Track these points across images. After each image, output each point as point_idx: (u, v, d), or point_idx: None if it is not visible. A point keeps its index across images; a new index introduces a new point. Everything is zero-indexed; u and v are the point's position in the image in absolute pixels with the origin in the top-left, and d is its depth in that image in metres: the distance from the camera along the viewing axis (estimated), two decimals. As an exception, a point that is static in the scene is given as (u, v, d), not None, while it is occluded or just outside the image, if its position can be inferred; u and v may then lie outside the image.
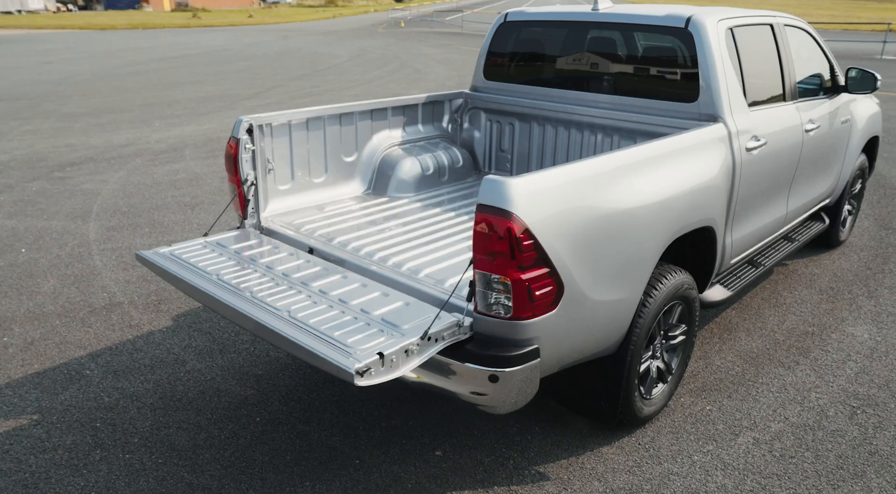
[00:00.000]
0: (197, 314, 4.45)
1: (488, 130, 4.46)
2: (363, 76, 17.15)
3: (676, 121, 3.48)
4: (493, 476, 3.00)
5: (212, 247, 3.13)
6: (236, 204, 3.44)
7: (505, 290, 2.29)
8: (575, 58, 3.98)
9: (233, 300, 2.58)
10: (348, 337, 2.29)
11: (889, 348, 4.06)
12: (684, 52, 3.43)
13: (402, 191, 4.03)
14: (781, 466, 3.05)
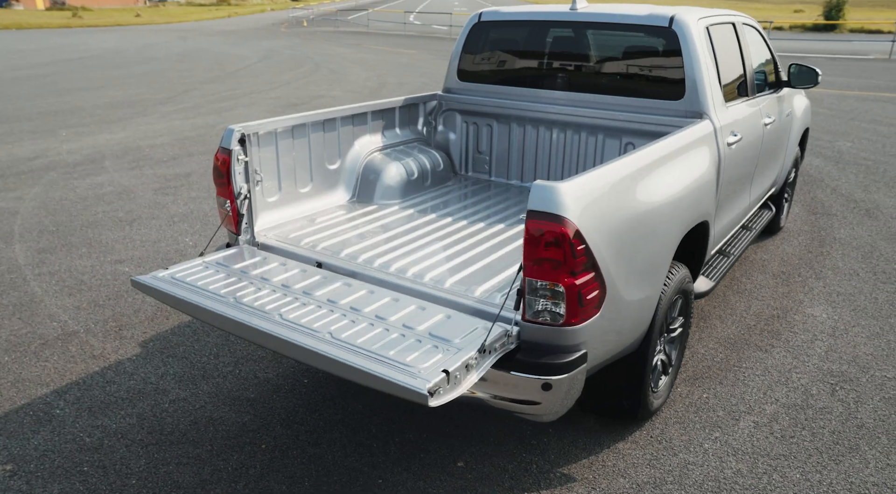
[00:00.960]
0: (166, 338, 4.16)
1: (464, 132, 4.43)
2: (279, 78, 16.64)
3: (663, 119, 3.60)
4: (521, 483, 2.98)
5: (214, 268, 2.92)
6: (229, 219, 3.23)
7: (555, 297, 2.28)
8: (554, 57, 4.02)
9: (265, 325, 2.41)
10: (405, 356, 2.20)
11: (846, 326, 4.38)
12: (669, 51, 3.55)
13: (388, 198, 3.93)
14: (785, 447, 3.22)
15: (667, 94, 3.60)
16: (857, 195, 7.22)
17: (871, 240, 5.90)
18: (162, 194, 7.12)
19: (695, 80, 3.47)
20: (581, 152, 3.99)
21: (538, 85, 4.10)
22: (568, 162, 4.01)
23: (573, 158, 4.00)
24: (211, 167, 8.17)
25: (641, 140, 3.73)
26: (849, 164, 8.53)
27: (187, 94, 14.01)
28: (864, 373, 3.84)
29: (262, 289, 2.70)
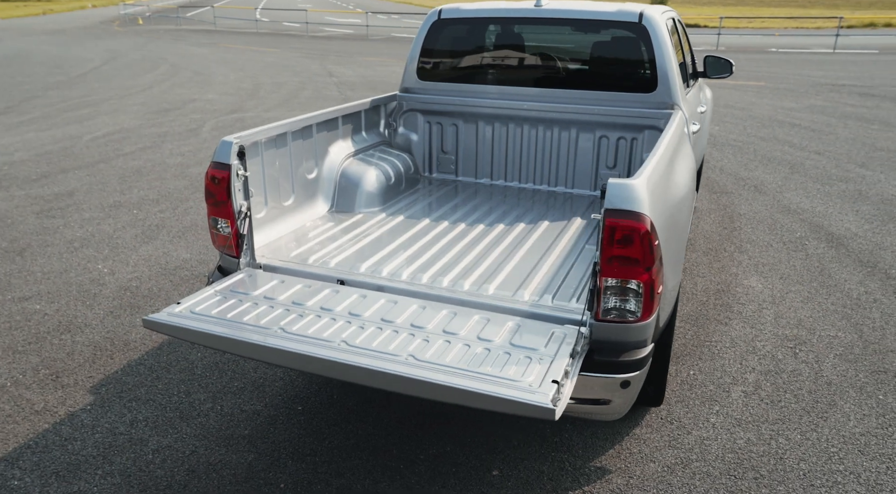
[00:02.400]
0: (119, 380, 3.68)
1: (427, 132, 4.30)
2: (136, 81, 15.28)
3: (636, 111, 3.72)
4: (560, 483, 2.97)
5: (235, 297, 2.60)
6: (227, 242, 2.89)
7: (630, 294, 2.28)
8: (522, 54, 4.01)
9: (333, 354, 2.19)
10: (504, 371, 2.08)
11: (781, 293, 4.81)
12: (640, 45, 3.68)
13: (370, 205, 3.72)
14: (777, 411, 3.47)
15: (639, 87, 3.73)
16: (741, 173, 7.96)
17: (769, 213, 6.53)
18: (47, 217, 6.28)
19: (666, 73, 3.63)
20: (554, 148, 4.03)
21: (506, 82, 4.08)
22: (541, 158, 4.04)
23: (547, 154, 4.03)
24: (96, 183, 7.34)
25: (615, 133, 3.85)
26: (724, 146, 9.38)
27: (30, 103, 12.46)
28: (813, 334, 4.24)
29: (303, 316, 2.45)
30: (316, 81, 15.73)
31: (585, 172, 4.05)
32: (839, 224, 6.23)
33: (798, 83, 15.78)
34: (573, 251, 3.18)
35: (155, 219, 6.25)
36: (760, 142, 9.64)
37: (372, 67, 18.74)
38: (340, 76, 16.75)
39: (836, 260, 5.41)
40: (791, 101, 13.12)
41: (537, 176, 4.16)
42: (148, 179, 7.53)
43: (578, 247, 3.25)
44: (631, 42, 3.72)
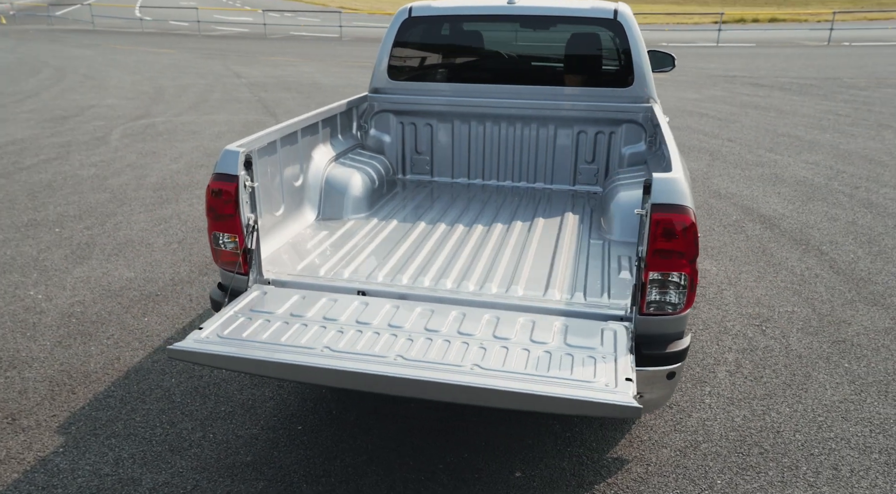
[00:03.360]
0: (89, 415, 3.34)
1: (399, 133, 4.18)
2: (19, 87, 14.00)
3: (614, 106, 3.79)
4: (583, 478, 2.98)
5: (258, 317, 2.41)
6: (233, 258, 2.66)
7: (674, 287, 2.31)
8: (496, 51, 3.98)
9: (393, 370, 2.07)
10: (575, 373, 2.05)
11: (735, 274, 5.08)
12: (615, 41, 3.74)
13: (358, 211, 3.57)
14: (762, 387, 3.66)
15: (616, 82, 3.80)
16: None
17: (704, 199, 6.88)
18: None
19: (641, 68, 3.72)
20: (533, 144, 4.03)
21: (481, 79, 4.03)
22: (520, 155, 4.03)
23: (526, 151, 4.02)
24: (2, 200, 6.64)
25: (593, 128, 3.90)
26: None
27: None
28: (773, 312, 4.50)
29: (343, 332, 2.31)
30: (223, 83, 15.05)
31: (564, 168, 4.09)
32: (767, 206, 6.66)
33: (695, 75, 16.77)
34: (581, 247, 3.20)
35: (82, 236, 5.75)
36: (676, 131, 10.15)
37: (280, 67, 18.16)
38: (248, 77, 16.11)
39: (773, 240, 5.77)
40: (693, 92, 13.92)
41: (516, 173, 4.16)
42: (63, 194, 6.91)
43: (583, 242, 3.27)
44: (606, 38, 3.79)
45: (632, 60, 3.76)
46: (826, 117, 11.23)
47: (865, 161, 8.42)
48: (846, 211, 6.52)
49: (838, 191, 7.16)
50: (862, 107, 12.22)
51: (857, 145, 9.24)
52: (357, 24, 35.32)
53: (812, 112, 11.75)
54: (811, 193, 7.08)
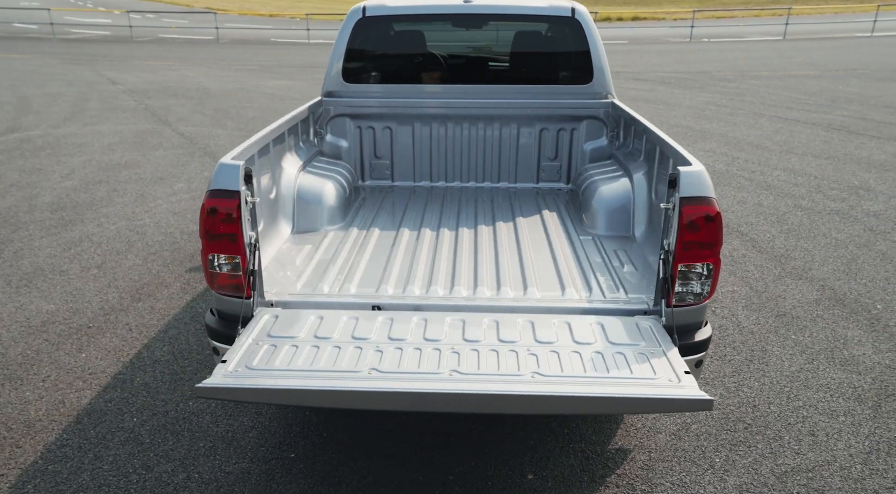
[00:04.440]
0: (43, 470, 2.96)
1: (357, 138, 4.00)
2: None
3: (575, 102, 3.84)
4: (593, 473, 3.01)
5: (282, 343, 2.22)
6: (230, 281, 2.41)
7: (699, 277, 2.36)
8: (454, 51, 3.91)
9: (458, 387, 1.98)
10: (635, 371, 2.03)
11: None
12: (574, 39, 3.79)
13: (333, 222, 3.37)
14: (728, 365, 3.86)
15: (576, 79, 3.86)
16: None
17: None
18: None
19: (600, 64, 3.80)
20: (496, 143, 4.00)
21: (441, 80, 3.94)
22: (483, 155, 3.98)
23: (489, 151, 3.98)
24: None
25: (556, 125, 3.93)
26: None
27: None
28: (717, 291, 4.77)
29: (382, 350, 2.17)
30: (98, 90, 13.89)
31: (528, 166, 4.10)
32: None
33: (579, 71, 17.52)
34: (573, 243, 3.23)
35: (-22, 267, 5.08)
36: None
37: (159, 72, 17.03)
38: (125, 83, 14.98)
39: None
40: (583, 88, 14.54)
41: (479, 173, 4.12)
42: (-60, 220, 6.09)
43: (574, 239, 3.30)
44: (565, 36, 3.84)
45: (591, 58, 3.84)
46: (708, 108, 12.11)
47: (753, 147, 9.16)
48: (750, 194, 7.06)
49: (739, 176, 7.73)
50: (735, 97, 13.30)
51: (741, 133, 10.04)
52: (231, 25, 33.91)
53: (695, 103, 12.63)
54: (717, 179, 7.59)
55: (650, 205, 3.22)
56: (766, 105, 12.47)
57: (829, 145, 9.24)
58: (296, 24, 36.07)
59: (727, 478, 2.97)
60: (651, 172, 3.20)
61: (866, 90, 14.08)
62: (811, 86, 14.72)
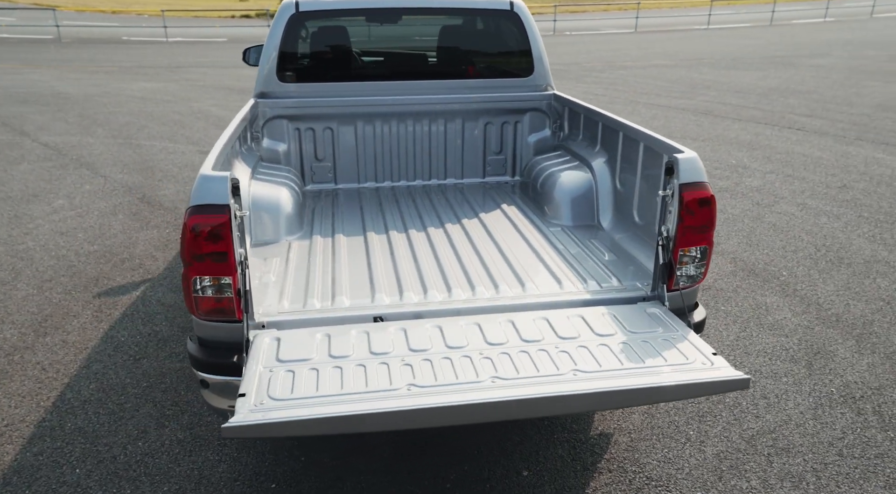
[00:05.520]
0: None
1: (296, 140, 3.73)
2: None
3: (517, 95, 3.84)
4: (584, 460, 3.04)
5: (297, 367, 2.02)
6: (218, 305, 2.13)
7: (693, 260, 2.43)
8: (394, 46, 3.76)
9: (505, 394, 1.91)
10: (668, 358, 2.06)
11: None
12: (514, 32, 3.78)
13: (292, 231, 3.12)
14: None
15: (518, 72, 3.85)
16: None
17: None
18: None
19: (540, 57, 3.82)
20: (441, 140, 3.89)
21: (383, 76, 3.78)
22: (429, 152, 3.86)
23: (435, 147, 3.87)
24: None
25: (499, 118, 3.90)
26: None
27: None
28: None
29: (409, 364, 2.04)
30: (-71, 99, 12.17)
31: (474, 161, 4.05)
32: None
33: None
34: (546, 236, 3.23)
35: None
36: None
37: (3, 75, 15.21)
38: (-39, 90, 13.23)
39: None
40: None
41: (425, 171, 4.01)
42: None
43: (543, 231, 3.31)
44: (504, 29, 3.82)
45: (531, 50, 3.86)
46: (587, 98, 12.70)
47: (637, 133, 9.72)
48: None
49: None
50: (609, 87, 14.06)
51: (623, 120, 10.63)
52: (70, 23, 30.96)
53: (575, 93, 13.17)
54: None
55: (615, 193, 3.29)
56: (638, 93, 13.29)
57: (701, 128, 10.01)
58: (146, 22, 33.79)
59: (705, 449, 3.11)
60: (613, 160, 3.27)
61: (717, 77, 15.41)
62: (671, 75, 15.88)
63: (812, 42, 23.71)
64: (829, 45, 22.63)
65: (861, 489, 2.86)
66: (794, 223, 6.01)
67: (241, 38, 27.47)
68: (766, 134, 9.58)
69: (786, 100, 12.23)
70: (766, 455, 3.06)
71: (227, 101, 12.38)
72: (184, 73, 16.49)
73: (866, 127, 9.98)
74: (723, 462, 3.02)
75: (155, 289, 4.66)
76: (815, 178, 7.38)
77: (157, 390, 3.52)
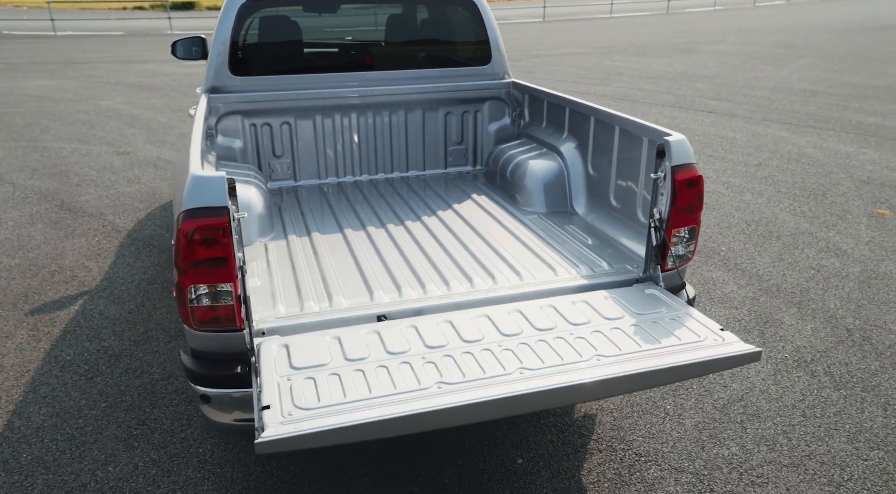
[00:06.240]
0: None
1: (252, 136, 3.54)
2: None
3: (477, 84, 3.81)
4: (575, 443, 3.10)
5: (316, 375, 1.95)
6: (214, 313, 1.98)
7: (682, 240, 2.50)
8: (352, 36, 3.63)
9: (537, 384, 1.92)
10: (681, 337, 2.12)
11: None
12: (471, 21, 3.74)
13: (265, 233, 2.97)
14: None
15: (476, 61, 3.82)
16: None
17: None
18: None
19: (497, 45, 3.81)
20: (402, 131, 3.80)
21: (341, 67, 3.64)
22: (391, 144, 3.76)
23: (396, 139, 3.77)
24: None
25: (458, 108, 3.85)
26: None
27: None
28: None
29: (432, 362, 2.00)
30: None
31: (435, 152, 3.99)
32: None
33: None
34: (526, 224, 3.25)
35: None
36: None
37: None
38: None
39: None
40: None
41: (387, 164, 3.91)
42: None
43: (521, 219, 3.32)
44: (462, 18, 3.78)
45: (488, 38, 3.84)
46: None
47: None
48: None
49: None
50: (528, 75, 14.29)
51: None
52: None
53: (495, 83, 13.33)
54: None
55: (588, 178, 3.34)
56: (557, 80, 13.60)
57: (622, 114, 10.37)
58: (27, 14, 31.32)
59: (683, 421, 3.24)
60: (584, 146, 3.31)
61: (627, 64, 16.01)
62: (585, 63, 16.35)
63: (706, 30, 25.08)
64: (722, 32, 24.00)
65: (827, 445, 3.06)
66: (724, 201, 6.34)
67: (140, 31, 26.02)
68: (682, 117, 10.04)
69: (694, 85, 12.87)
70: (740, 422, 3.22)
71: (139, 99, 11.70)
72: (83, 70, 15.43)
73: (768, 108, 10.66)
74: (702, 432, 3.16)
75: (95, 302, 4.35)
76: (734, 158, 7.82)
77: (119, 409, 3.29)
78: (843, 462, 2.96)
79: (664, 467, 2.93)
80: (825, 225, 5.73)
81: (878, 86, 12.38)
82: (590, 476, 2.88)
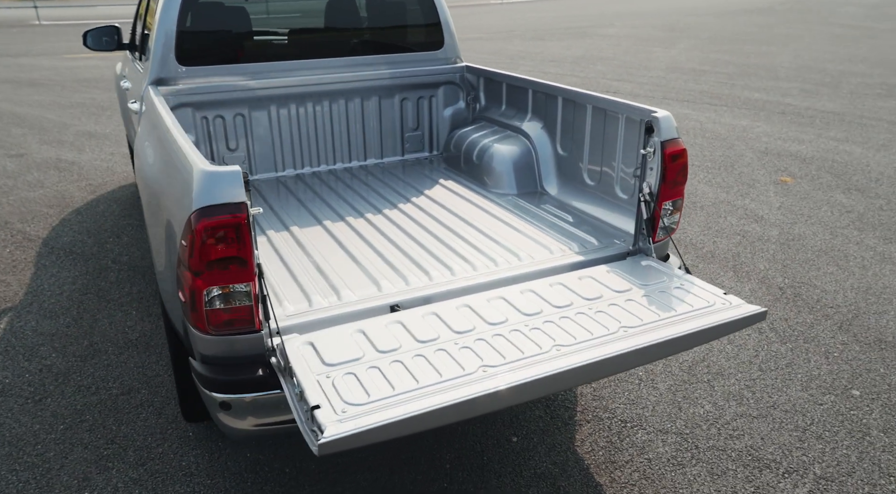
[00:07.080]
0: None
1: (203, 130, 3.31)
2: None
3: (430, 69, 3.77)
4: (567, 420, 3.18)
5: (355, 369, 1.89)
6: (229, 316, 1.83)
7: (669, 212, 2.60)
8: (304, 22, 3.46)
9: (576, 360, 1.97)
10: (692, 303, 2.23)
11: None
12: (424, 5, 3.69)
13: None
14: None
15: (428, 46, 3.77)
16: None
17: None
18: None
19: (450, 30, 3.78)
20: (359, 118, 3.69)
21: (292, 55, 3.47)
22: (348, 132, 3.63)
23: (353, 127, 3.65)
24: None
25: (414, 93, 3.79)
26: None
27: None
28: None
29: (467, 346, 2.01)
30: None
31: (392, 139, 3.90)
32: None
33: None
34: (504, 207, 3.27)
35: None
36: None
37: None
38: None
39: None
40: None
41: (345, 153, 3.78)
42: None
43: (499, 202, 3.34)
44: (415, 3, 3.72)
45: (440, 23, 3.81)
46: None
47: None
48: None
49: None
50: (435, 61, 14.31)
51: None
52: None
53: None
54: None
55: (557, 158, 3.40)
56: (464, 66, 13.71)
57: (533, 97, 10.62)
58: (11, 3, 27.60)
59: (657, 385, 3.40)
60: (552, 126, 3.37)
61: (529, 48, 16.41)
62: (489, 47, 16.59)
63: (589, 14, 26.14)
64: (606, 16, 25.08)
65: (787, 395, 3.32)
66: (646, 176, 6.67)
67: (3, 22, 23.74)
68: (590, 98, 10.43)
69: (595, 67, 13.38)
70: (707, 381, 3.43)
71: (19, 96, 10.69)
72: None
73: (666, 87, 11.28)
74: (676, 394, 3.34)
75: (23, 318, 3.97)
76: (647, 135, 8.23)
77: (81, 430, 3.04)
78: (803, 408, 3.22)
79: (649, 430, 3.08)
80: (739, 194, 6.15)
81: (757, 65, 13.40)
82: (584, 447, 2.97)
